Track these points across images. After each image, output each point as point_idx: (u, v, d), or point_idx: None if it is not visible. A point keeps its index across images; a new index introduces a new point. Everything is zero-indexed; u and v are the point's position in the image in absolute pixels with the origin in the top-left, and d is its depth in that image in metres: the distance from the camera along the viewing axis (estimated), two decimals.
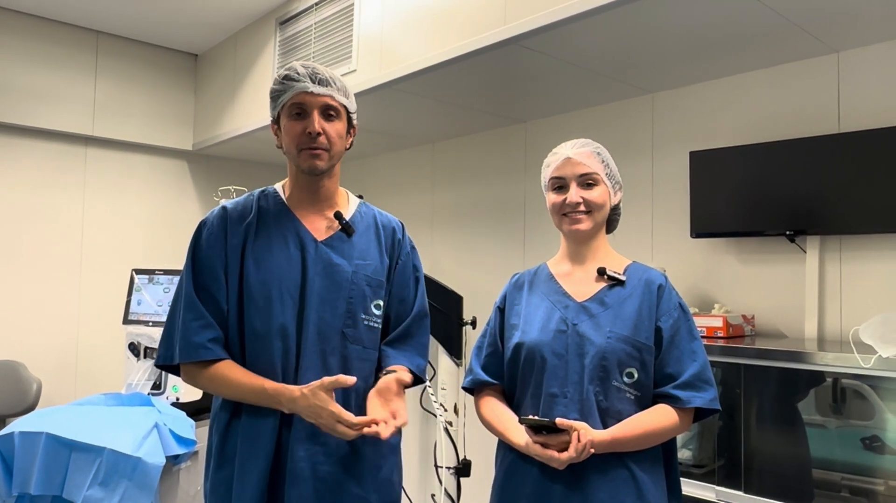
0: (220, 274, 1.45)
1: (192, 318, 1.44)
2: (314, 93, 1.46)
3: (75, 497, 2.16)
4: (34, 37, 3.87)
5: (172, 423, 2.41)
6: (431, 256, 3.90)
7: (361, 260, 1.53)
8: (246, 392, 1.41)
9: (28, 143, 3.95)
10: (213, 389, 1.46)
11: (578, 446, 1.30)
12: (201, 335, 1.43)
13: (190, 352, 1.43)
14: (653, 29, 2.20)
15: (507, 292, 1.64)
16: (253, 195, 1.55)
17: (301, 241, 1.49)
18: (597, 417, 1.39)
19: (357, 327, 1.50)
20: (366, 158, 4.45)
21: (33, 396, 3.62)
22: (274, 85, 1.50)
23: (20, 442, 2.24)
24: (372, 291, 1.53)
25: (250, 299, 1.44)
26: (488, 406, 1.54)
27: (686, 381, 1.39)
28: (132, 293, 3.61)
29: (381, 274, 1.56)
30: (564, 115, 3.21)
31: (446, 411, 3.10)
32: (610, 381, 1.40)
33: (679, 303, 1.47)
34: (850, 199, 2.19)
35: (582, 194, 1.49)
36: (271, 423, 1.41)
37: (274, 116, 1.52)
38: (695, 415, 1.43)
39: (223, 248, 1.46)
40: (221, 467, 1.45)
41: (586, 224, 1.49)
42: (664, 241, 2.78)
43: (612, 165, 1.54)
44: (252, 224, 1.49)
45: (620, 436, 1.36)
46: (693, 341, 1.44)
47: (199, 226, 1.51)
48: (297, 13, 3.50)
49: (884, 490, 1.86)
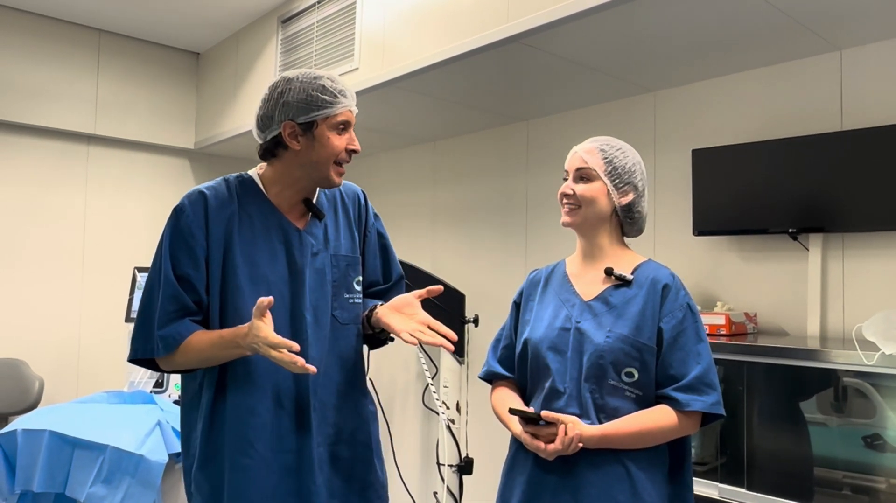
0: (201, 262, 1.42)
1: (174, 310, 1.40)
2: (354, 112, 1.52)
3: (78, 494, 2.17)
4: (37, 35, 3.87)
5: (174, 421, 2.42)
6: (433, 254, 3.90)
7: (336, 241, 1.56)
8: (207, 348, 1.38)
9: (30, 141, 3.95)
10: (183, 362, 1.41)
11: (565, 439, 1.35)
12: (184, 327, 1.40)
13: (171, 344, 1.39)
14: (655, 27, 2.20)
15: (524, 288, 1.67)
16: (228, 180, 1.51)
17: (285, 235, 1.49)
18: (593, 414, 1.41)
19: (344, 307, 1.54)
20: (367, 157, 4.45)
21: (36, 394, 3.63)
22: (321, 93, 1.44)
23: (23, 439, 2.25)
24: (352, 270, 1.58)
25: (237, 292, 1.42)
26: (497, 395, 1.59)
27: (687, 384, 1.39)
28: (134, 291, 3.62)
29: (355, 250, 1.60)
30: (566, 114, 3.21)
31: (448, 409, 3.10)
32: (606, 380, 1.41)
33: (687, 304, 1.45)
34: (852, 196, 2.19)
35: (574, 187, 1.50)
36: (269, 410, 1.42)
37: (304, 122, 1.44)
38: (703, 419, 1.43)
39: (205, 236, 1.43)
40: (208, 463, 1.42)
41: (572, 217, 1.51)
42: (667, 239, 2.78)
43: (617, 164, 1.50)
44: (234, 213, 1.46)
45: (611, 433, 1.37)
46: (699, 343, 1.42)
47: (175, 211, 1.45)
48: (299, 11, 3.50)
49: (885, 488, 1.86)
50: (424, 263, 3.73)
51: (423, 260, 3.80)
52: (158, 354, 1.41)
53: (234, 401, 1.41)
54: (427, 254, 3.91)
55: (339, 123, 1.47)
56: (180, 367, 1.45)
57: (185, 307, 1.41)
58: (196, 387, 1.47)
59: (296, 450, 1.43)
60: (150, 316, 1.42)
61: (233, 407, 1.41)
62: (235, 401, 1.41)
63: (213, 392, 1.43)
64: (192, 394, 1.48)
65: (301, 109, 1.44)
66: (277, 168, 1.51)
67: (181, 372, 1.49)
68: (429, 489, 3.68)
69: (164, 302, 1.40)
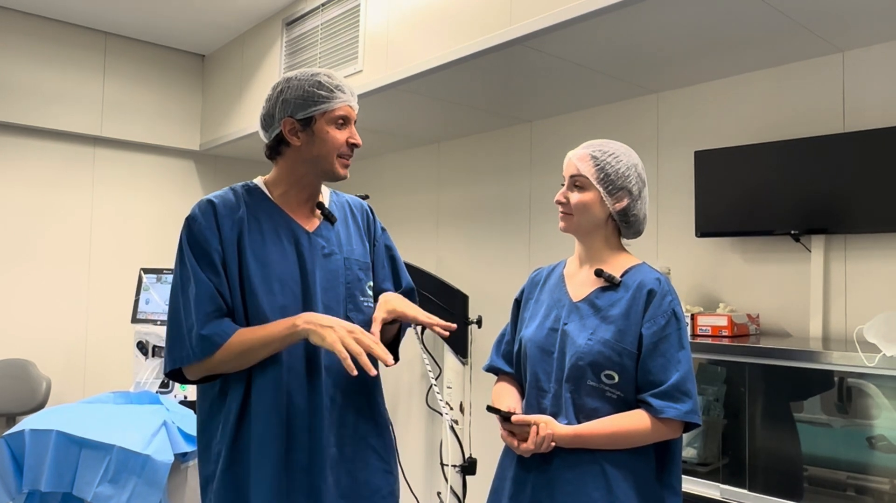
0: (219, 266, 1.43)
1: (212, 309, 1.40)
2: (354, 107, 1.53)
3: (85, 494, 2.19)
4: (43, 38, 3.90)
5: (181, 421, 2.44)
6: (437, 256, 3.91)
7: (348, 245, 1.58)
8: (257, 337, 1.39)
9: (37, 143, 3.98)
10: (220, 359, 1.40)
11: (537, 439, 1.39)
12: (228, 325, 1.40)
13: (217, 342, 1.38)
14: (658, 29, 2.20)
15: (525, 287, 1.70)
16: (234, 189, 1.53)
17: (294, 235, 1.51)
18: (571, 413, 1.44)
19: (359, 309, 1.55)
20: (371, 158, 4.46)
21: (43, 395, 3.65)
22: (317, 89, 1.47)
23: (30, 439, 2.27)
24: (364, 274, 1.59)
25: (252, 294, 1.44)
26: (495, 389, 1.63)
27: (664, 391, 1.39)
28: (140, 292, 3.64)
29: (366, 256, 1.62)
30: (570, 115, 3.22)
31: (452, 409, 3.11)
32: (585, 381, 1.44)
33: (672, 310, 1.44)
34: (855, 198, 2.19)
35: (567, 195, 1.53)
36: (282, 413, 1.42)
37: (302, 118, 1.47)
38: (684, 425, 1.44)
39: (219, 241, 1.44)
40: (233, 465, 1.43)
41: (566, 223, 1.54)
42: (669, 241, 2.79)
43: (610, 170, 1.49)
44: (243, 219, 1.48)
45: (584, 433, 1.41)
46: (680, 350, 1.42)
47: (187, 221, 1.46)
48: (304, 14, 3.52)
49: (889, 489, 1.86)
50: (428, 265, 3.74)
51: (427, 261, 3.81)
52: (194, 359, 1.39)
53: (258, 402, 1.42)
54: (431, 255, 3.92)
55: (337, 118, 1.49)
56: (211, 371, 1.42)
57: (221, 307, 1.42)
58: (215, 395, 1.47)
59: (307, 449, 1.44)
60: (181, 324, 1.41)
61: (256, 407, 1.42)
62: (260, 402, 1.42)
63: (242, 396, 1.43)
64: (211, 402, 1.48)
65: (298, 105, 1.47)
66: (282, 166, 1.55)
67: (199, 382, 1.47)
68: (432, 489, 3.69)
69: (201, 303, 1.39)
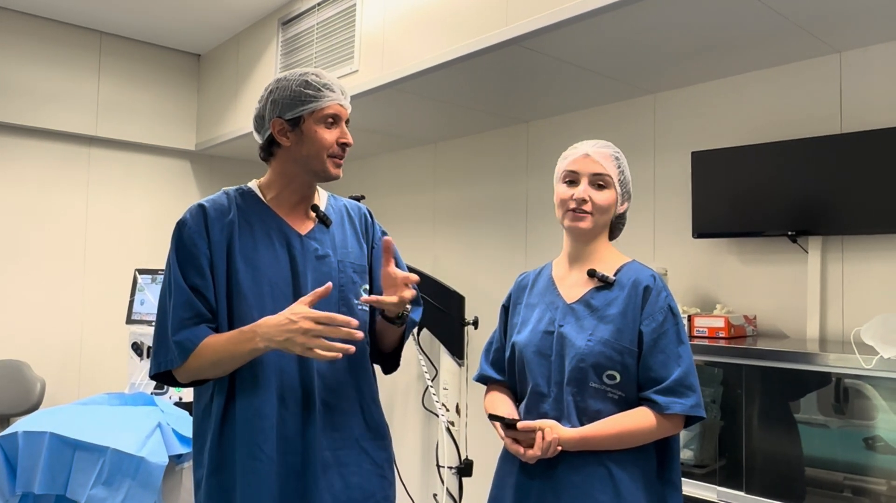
0: (206, 270, 1.44)
1: (188, 316, 1.41)
2: (344, 106, 1.52)
3: (79, 496, 2.17)
4: (38, 37, 3.88)
5: (175, 423, 2.42)
6: (433, 256, 3.90)
7: (343, 248, 1.57)
8: (221, 347, 1.38)
9: (32, 143, 3.96)
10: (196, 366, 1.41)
11: (543, 444, 1.37)
12: (200, 331, 1.41)
13: (188, 347, 1.39)
14: (654, 29, 2.20)
15: (512, 292, 1.68)
16: (228, 193, 1.54)
17: (286, 238, 1.50)
18: (574, 416, 1.42)
19: (353, 312, 1.52)
20: (367, 159, 4.46)
21: (37, 396, 3.64)
22: (304, 88, 1.47)
23: (24, 441, 2.25)
24: (359, 277, 1.57)
25: (241, 297, 1.44)
26: (489, 398, 1.61)
27: (667, 387, 1.39)
28: (135, 293, 3.63)
29: (362, 259, 1.60)
30: (566, 116, 3.21)
31: (448, 411, 3.11)
32: (587, 383, 1.43)
33: (668, 306, 1.44)
34: (852, 199, 2.19)
35: (590, 193, 1.49)
36: (273, 416, 1.41)
37: (291, 118, 1.48)
38: (686, 420, 1.43)
39: (207, 246, 1.45)
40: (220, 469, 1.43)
41: (587, 223, 1.49)
42: (666, 242, 2.79)
43: (627, 174, 1.53)
44: (234, 222, 1.48)
45: (590, 435, 1.39)
46: (680, 345, 1.43)
47: (177, 225, 1.48)
48: (300, 14, 3.51)
49: (886, 490, 1.86)
50: (425, 265, 3.73)
51: (423, 262, 3.80)
52: (175, 363, 1.40)
53: (242, 405, 1.42)
54: (428, 255, 3.91)
55: (326, 117, 1.48)
56: (195, 376, 1.44)
57: (200, 313, 1.42)
58: (207, 398, 1.47)
59: (301, 452, 1.43)
60: (166, 328, 1.42)
61: (241, 410, 1.41)
62: (244, 405, 1.41)
63: (224, 398, 1.43)
64: (204, 404, 1.48)
65: (286, 106, 1.47)
66: (275, 168, 1.54)
67: (194, 384, 1.49)
68: (428, 491, 3.69)
69: (177, 309, 1.41)
